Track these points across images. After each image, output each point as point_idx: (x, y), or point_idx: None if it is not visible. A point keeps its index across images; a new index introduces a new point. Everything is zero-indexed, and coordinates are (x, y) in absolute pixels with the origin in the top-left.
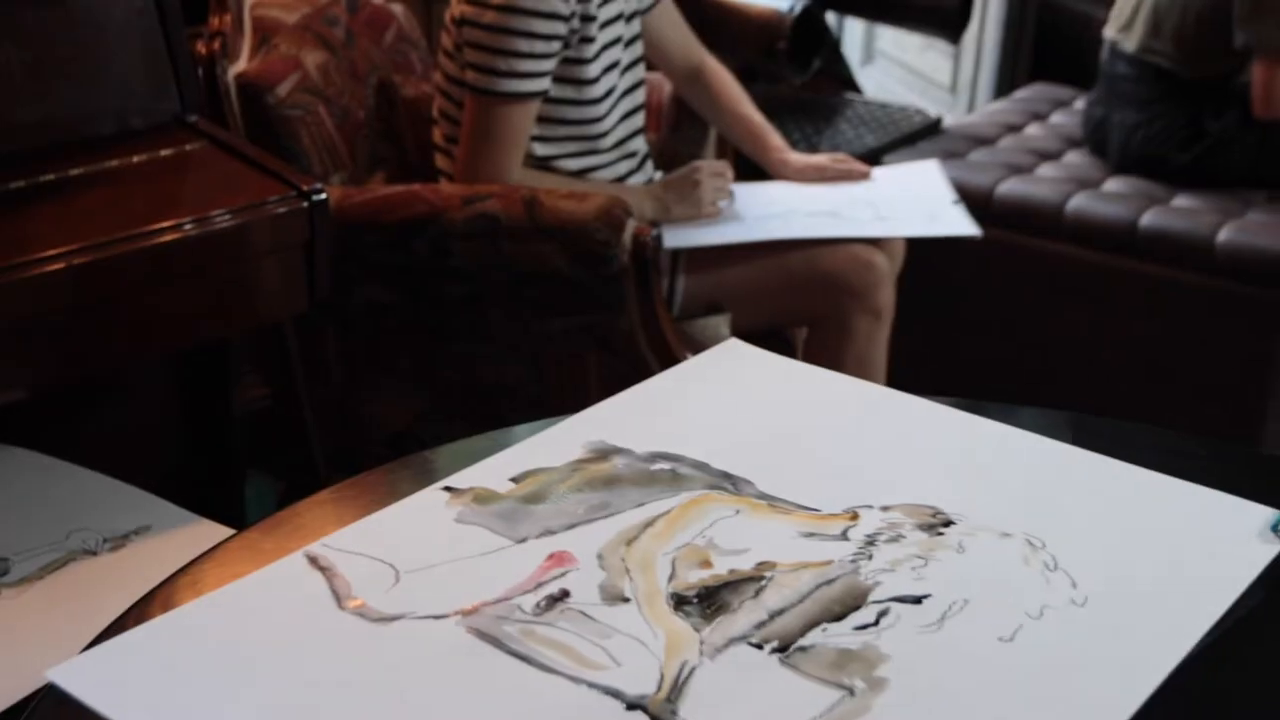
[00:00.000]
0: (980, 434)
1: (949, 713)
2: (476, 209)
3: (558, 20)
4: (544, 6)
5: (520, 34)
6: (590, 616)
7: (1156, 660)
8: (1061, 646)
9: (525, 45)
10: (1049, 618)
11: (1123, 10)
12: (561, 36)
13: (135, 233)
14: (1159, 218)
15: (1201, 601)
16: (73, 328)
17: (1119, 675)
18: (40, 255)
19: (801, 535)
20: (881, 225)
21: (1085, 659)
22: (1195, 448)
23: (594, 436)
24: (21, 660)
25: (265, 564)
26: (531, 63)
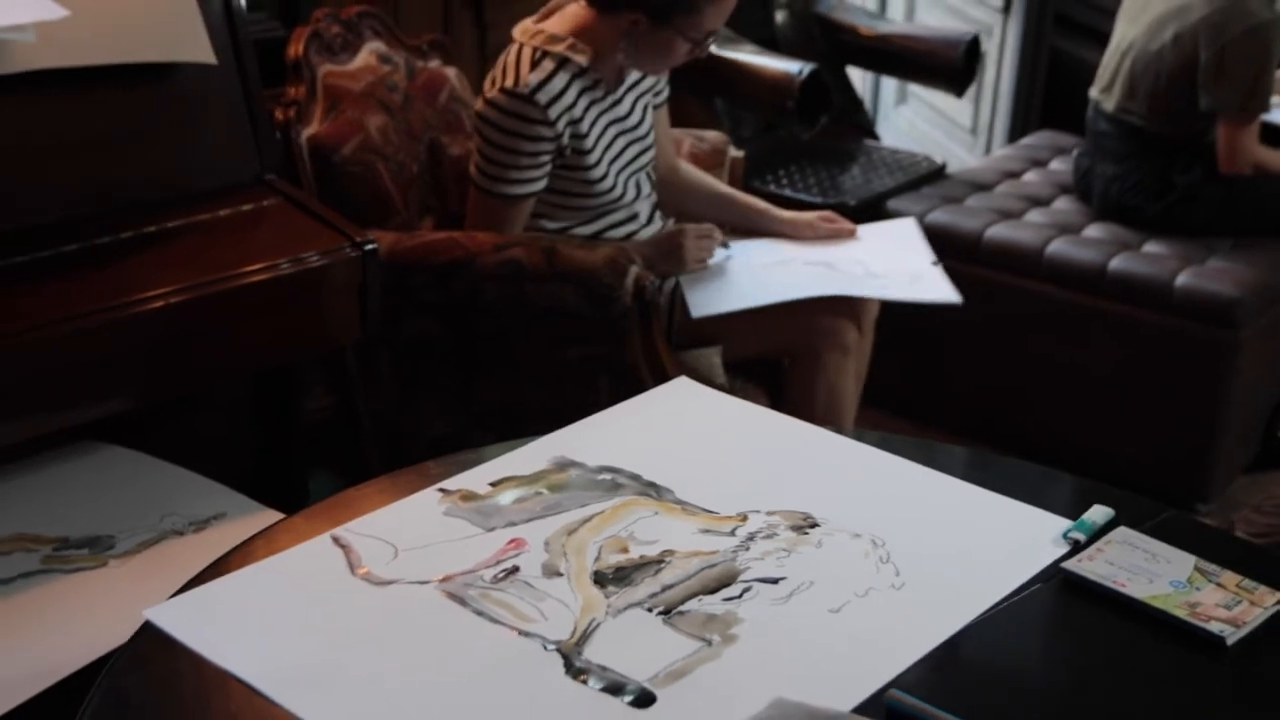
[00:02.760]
0: (855, 457)
1: (778, 660)
2: (504, 255)
3: (544, 140)
4: (529, 131)
5: (509, 150)
6: (531, 585)
7: (939, 627)
8: (874, 617)
9: (512, 159)
10: (871, 597)
11: (1104, 72)
12: (549, 150)
13: (219, 276)
14: (1126, 262)
15: (989, 586)
16: (169, 354)
17: (908, 636)
18: (143, 295)
19: (700, 531)
20: (872, 283)
21: (888, 626)
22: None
23: (557, 453)
24: (124, 612)
25: (301, 541)
26: (519, 172)
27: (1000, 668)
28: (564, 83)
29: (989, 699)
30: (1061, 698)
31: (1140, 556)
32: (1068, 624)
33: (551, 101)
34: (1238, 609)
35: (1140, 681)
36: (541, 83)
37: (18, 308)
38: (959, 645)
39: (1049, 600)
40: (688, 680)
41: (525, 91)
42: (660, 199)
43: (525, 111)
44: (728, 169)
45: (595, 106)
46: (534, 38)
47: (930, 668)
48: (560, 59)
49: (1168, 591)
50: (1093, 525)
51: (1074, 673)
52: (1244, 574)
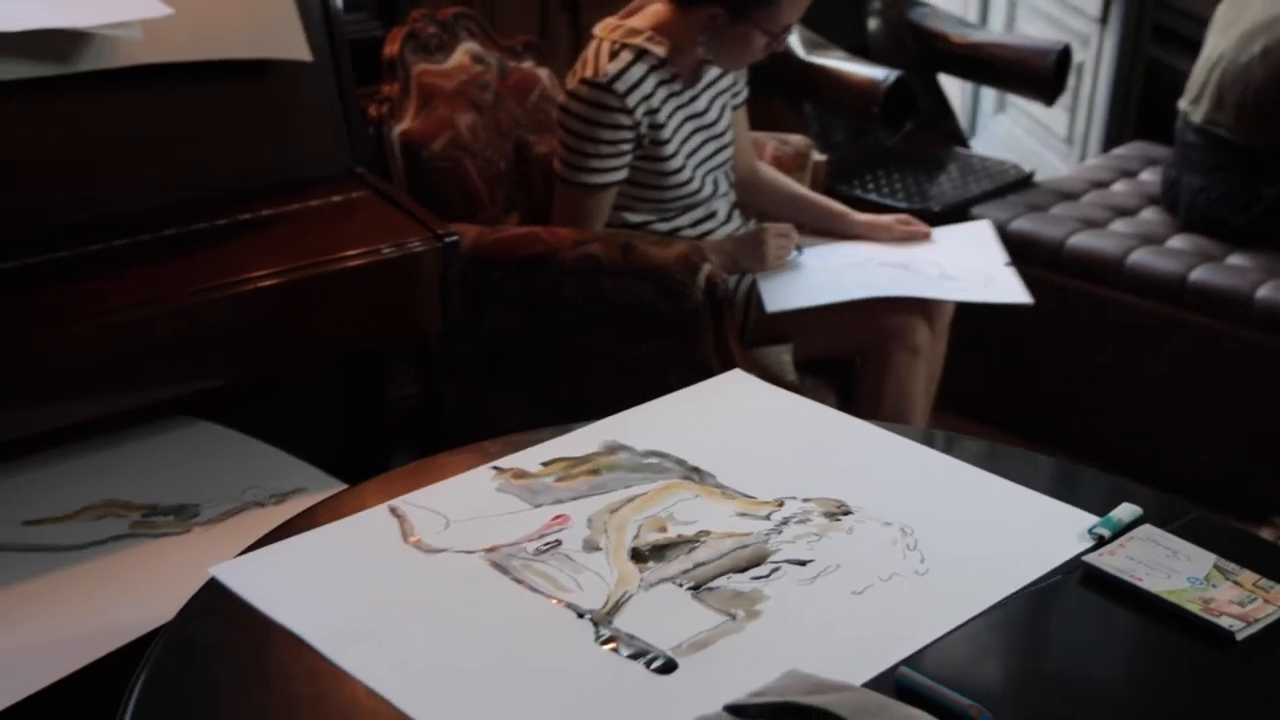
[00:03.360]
0: (894, 450)
1: (798, 636)
2: (583, 251)
3: (623, 130)
4: (608, 119)
5: (590, 139)
6: (571, 559)
7: (957, 612)
8: (895, 600)
9: (593, 148)
10: (895, 581)
11: (1194, 84)
12: (628, 139)
13: (307, 263)
14: (1208, 273)
15: (1011, 576)
16: (258, 335)
17: (926, 619)
18: (236, 279)
19: (737, 514)
20: (946, 285)
21: (908, 609)
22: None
23: (608, 437)
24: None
25: (362, 510)
26: (600, 161)
27: (1013, 654)
28: (641, 73)
29: (998, 682)
30: (1070, 685)
31: (1162, 553)
32: (1084, 615)
33: (629, 90)
34: (1251, 606)
35: (1150, 673)
36: (619, 72)
37: (120, 288)
38: (974, 630)
39: (1068, 591)
40: (709, 651)
41: (604, 81)
42: (740, 199)
43: (604, 100)
44: (810, 172)
45: (673, 100)
46: (613, 32)
47: (944, 649)
48: (638, 50)
49: (1184, 587)
50: (1118, 522)
51: (1084, 662)
52: (1265, 574)
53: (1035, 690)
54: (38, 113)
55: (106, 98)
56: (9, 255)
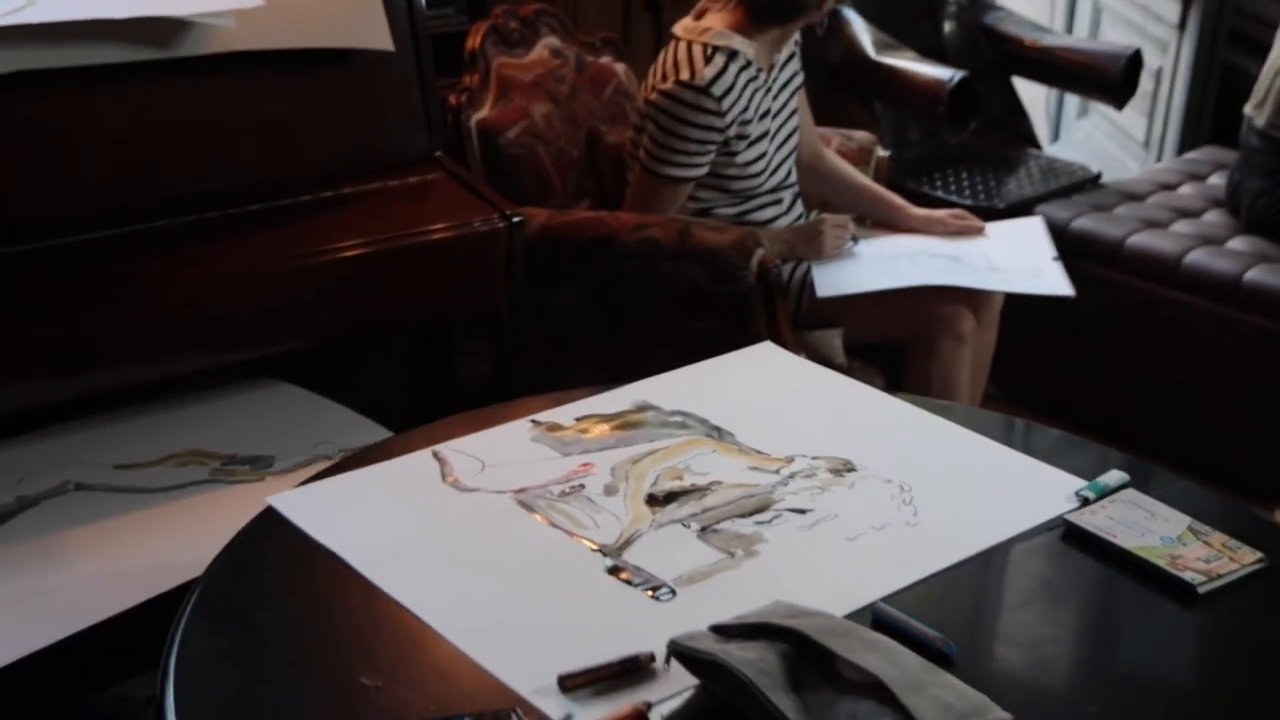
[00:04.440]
0: (906, 417)
1: (789, 574)
2: (643, 234)
3: (713, 130)
4: (702, 120)
5: (680, 137)
6: (592, 500)
7: (940, 559)
8: (885, 547)
9: (681, 144)
10: (887, 531)
11: (1259, 89)
12: (716, 140)
13: (386, 237)
14: (1264, 274)
15: (997, 530)
16: (340, 301)
17: (911, 564)
18: (319, 249)
19: (749, 468)
20: (994, 276)
21: (896, 555)
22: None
23: (640, 397)
24: None
25: (408, 454)
26: (687, 157)
27: (988, 598)
28: (734, 76)
29: (970, 621)
30: (1036, 627)
31: (1140, 515)
32: (1059, 567)
33: (724, 94)
34: (1216, 563)
35: (1114, 621)
36: (715, 77)
37: (212, 256)
38: (955, 576)
39: (1048, 546)
40: (706, 583)
41: (702, 84)
42: (803, 185)
43: (701, 103)
44: (873, 167)
45: (757, 95)
46: (701, 35)
47: (923, 591)
48: (730, 52)
49: (1156, 544)
50: (1104, 486)
51: (1052, 608)
52: (1238, 537)
53: (1004, 630)
54: (144, 95)
55: (207, 82)
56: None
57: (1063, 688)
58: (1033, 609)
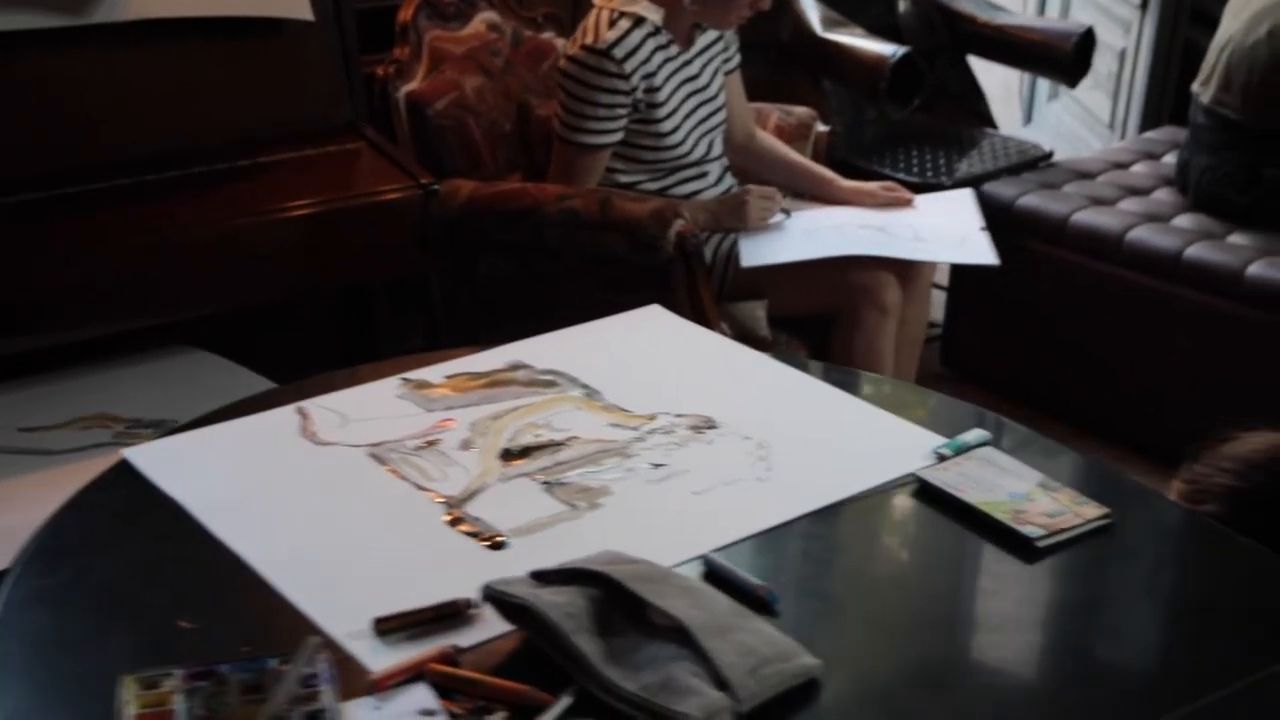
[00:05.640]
0: (782, 378)
1: (628, 525)
2: (565, 205)
3: (619, 94)
4: (606, 84)
5: (588, 102)
6: (445, 454)
7: (782, 513)
8: (730, 501)
9: (590, 110)
10: (737, 486)
11: (1205, 66)
12: (624, 104)
13: (303, 204)
14: (1203, 250)
15: (847, 485)
16: (253, 268)
17: (752, 518)
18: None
19: (610, 425)
20: (919, 247)
21: (739, 509)
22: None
23: (515, 357)
24: None
25: (274, 409)
26: (598, 123)
27: (827, 551)
28: (639, 40)
29: (805, 573)
30: (871, 579)
31: (992, 471)
32: (905, 522)
33: (627, 56)
34: (1060, 518)
35: (953, 574)
36: (618, 39)
37: (126, 222)
38: (799, 528)
39: (898, 502)
40: (544, 534)
41: (603, 47)
42: (737, 164)
43: (603, 66)
44: (812, 142)
45: (669, 65)
46: (611, 1)
47: (761, 543)
48: (635, 18)
49: (1002, 500)
50: (963, 444)
51: (892, 561)
52: (1092, 494)
53: (840, 581)
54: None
55: (124, 50)
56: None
57: (885, 638)
58: (873, 561)
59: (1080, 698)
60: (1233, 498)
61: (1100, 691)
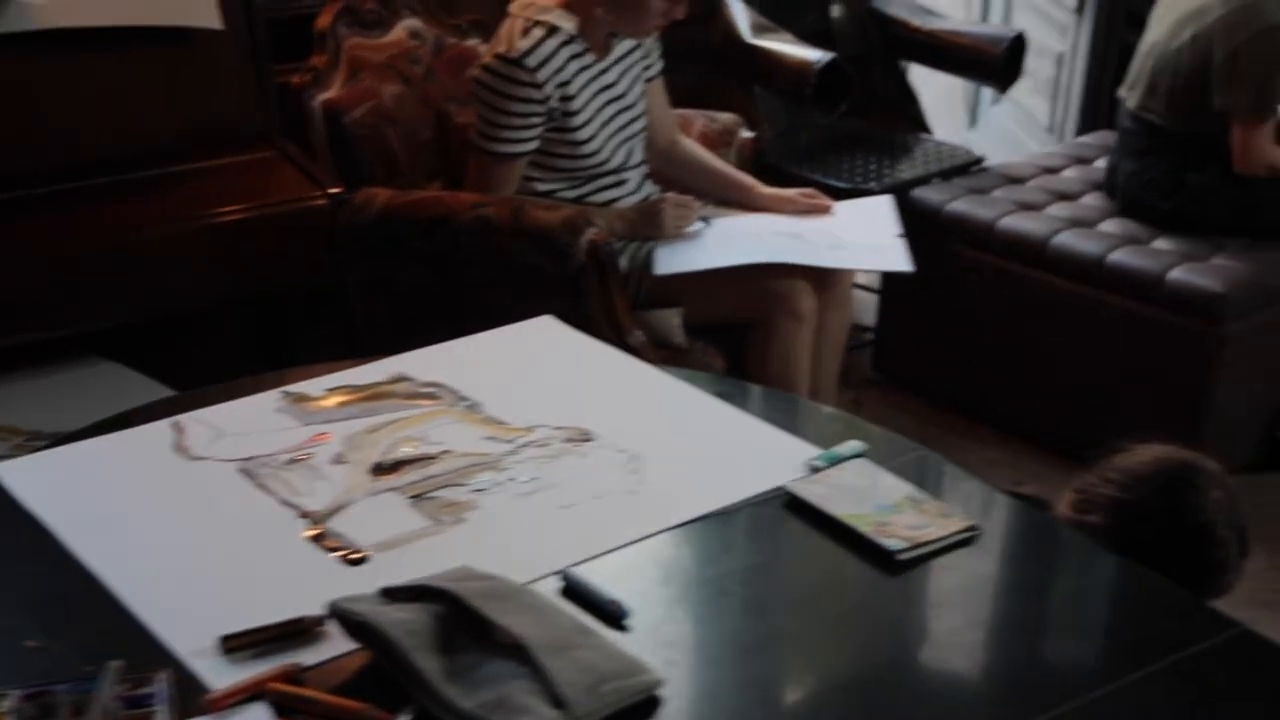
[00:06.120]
0: (666, 390)
1: (490, 540)
2: (478, 213)
3: (533, 103)
4: (519, 93)
5: (502, 111)
6: (316, 469)
7: (648, 527)
8: (597, 516)
9: (505, 119)
10: (605, 500)
11: (1131, 71)
12: (539, 113)
13: (209, 214)
14: (1126, 256)
15: (716, 498)
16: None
17: (616, 533)
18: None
19: (485, 438)
20: (834, 254)
21: (604, 523)
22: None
23: (398, 369)
24: None
25: (150, 423)
26: (513, 132)
27: (690, 564)
28: (552, 49)
29: (665, 587)
30: (730, 593)
31: (862, 483)
32: (770, 535)
33: (540, 65)
34: (924, 531)
35: (814, 587)
36: (530, 49)
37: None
38: (665, 542)
39: (766, 515)
40: (404, 549)
41: (515, 56)
42: (659, 170)
43: (515, 75)
44: (736, 149)
45: (584, 73)
46: (525, 9)
47: (622, 557)
48: (549, 27)
49: (868, 512)
50: (836, 456)
51: (753, 574)
52: (962, 507)
53: (698, 595)
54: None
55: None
56: None
57: (737, 653)
58: (733, 575)
59: (932, 710)
60: (1116, 509)
61: (953, 703)
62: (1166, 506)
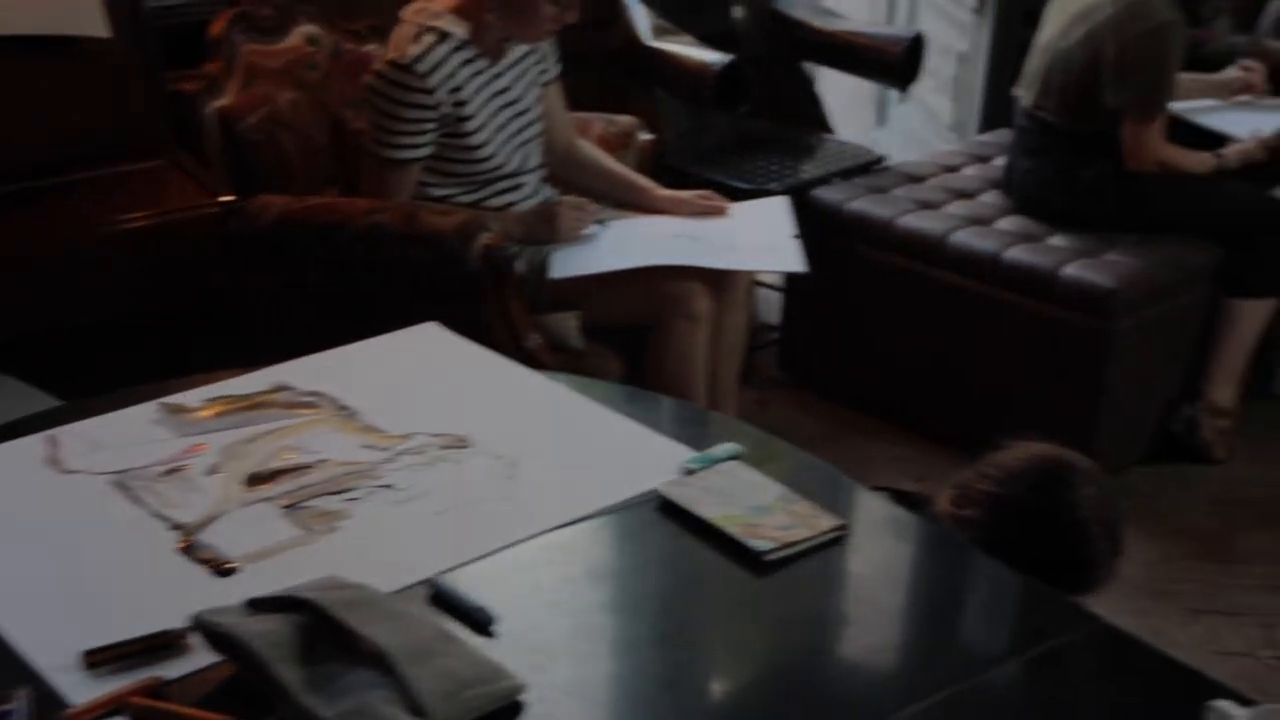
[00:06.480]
0: (535, 389)
1: (361, 549)
2: (373, 219)
3: (425, 108)
4: (411, 99)
5: (394, 117)
6: (191, 480)
7: (520, 532)
8: (469, 522)
9: (396, 125)
10: (477, 506)
11: (1026, 70)
12: (431, 119)
13: (104, 222)
14: (1021, 253)
15: (589, 503)
16: (49, 290)
17: (488, 538)
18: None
19: (362, 446)
20: (728, 255)
21: (477, 529)
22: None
23: (279, 378)
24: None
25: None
26: (406, 138)
27: (560, 569)
28: (443, 54)
29: (535, 592)
30: (600, 597)
31: (734, 485)
32: (641, 538)
33: (431, 71)
34: (792, 531)
35: (681, 589)
36: (421, 54)
37: None
38: (537, 546)
39: (639, 518)
40: (275, 560)
41: (406, 63)
42: (557, 174)
43: (406, 81)
44: (634, 151)
45: (478, 78)
46: (417, 15)
47: (496, 562)
48: (440, 33)
49: (738, 514)
50: (710, 458)
51: (624, 578)
52: (832, 507)
53: (569, 599)
54: None
55: None
56: None
57: (605, 656)
58: (604, 578)
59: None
60: (991, 505)
61: (816, 700)
62: (1039, 503)
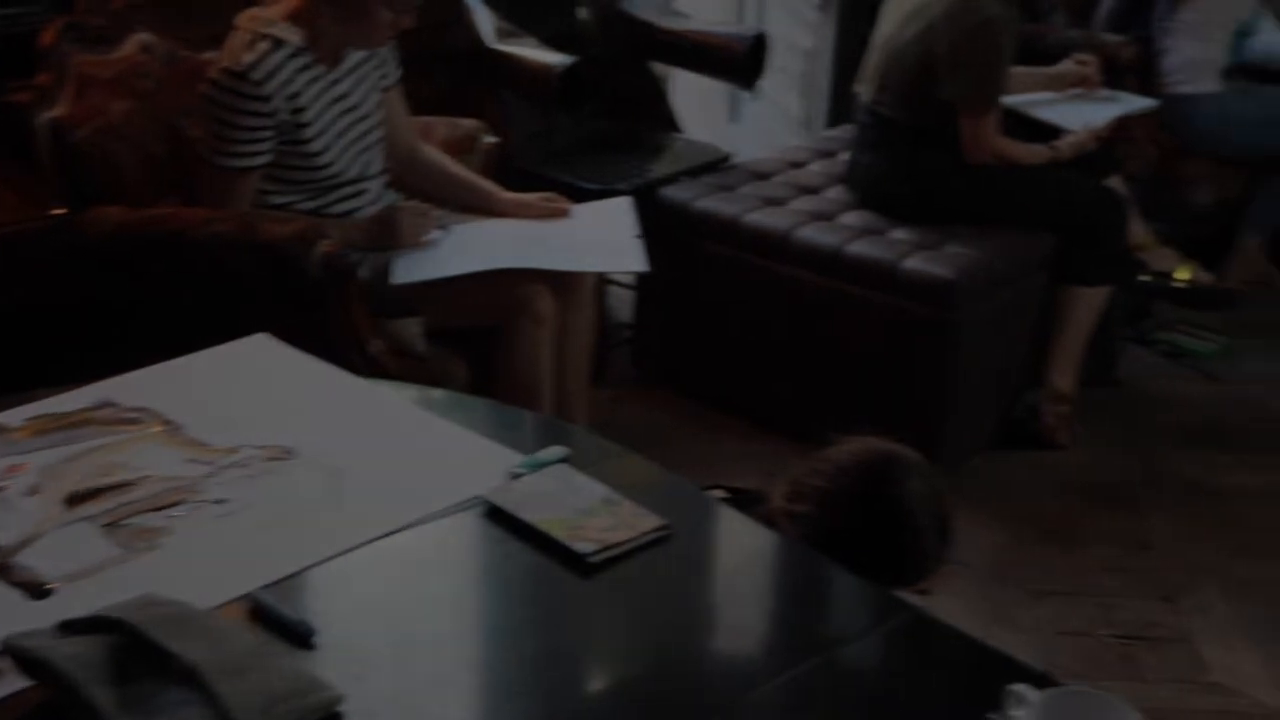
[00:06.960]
0: (364, 398)
1: (182, 566)
2: (210, 230)
3: (261, 116)
4: (245, 107)
5: (229, 125)
6: (7, 502)
7: (344, 541)
8: (294, 533)
9: (232, 134)
10: (303, 517)
11: (864, 67)
12: (267, 126)
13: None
14: (863, 246)
15: (415, 510)
16: None
17: (312, 550)
18: None
19: (186, 460)
20: (570, 257)
21: (298, 538)
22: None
23: (104, 395)
24: None
25: None
26: (241, 145)
27: (383, 579)
28: (278, 61)
29: (358, 604)
30: (424, 606)
31: (560, 488)
32: (467, 544)
33: (266, 79)
34: (614, 533)
35: (507, 595)
36: (255, 62)
37: None
38: (361, 557)
39: (466, 524)
40: (93, 579)
41: (240, 70)
42: (402, 180)
43: (240, 89)
44: (479, 154)
45: (315, 85)
46: (251, 22)
47: (320, 574)
48: (274, 40)
49: (564, 517)
50: (537, 462)
51: (451, 586)
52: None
53: (392, 610)
54: None
55: None
56: None
57: (429, 663)
58: (428, 586)
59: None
60: (821, 499)
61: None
62: (866, 496)
